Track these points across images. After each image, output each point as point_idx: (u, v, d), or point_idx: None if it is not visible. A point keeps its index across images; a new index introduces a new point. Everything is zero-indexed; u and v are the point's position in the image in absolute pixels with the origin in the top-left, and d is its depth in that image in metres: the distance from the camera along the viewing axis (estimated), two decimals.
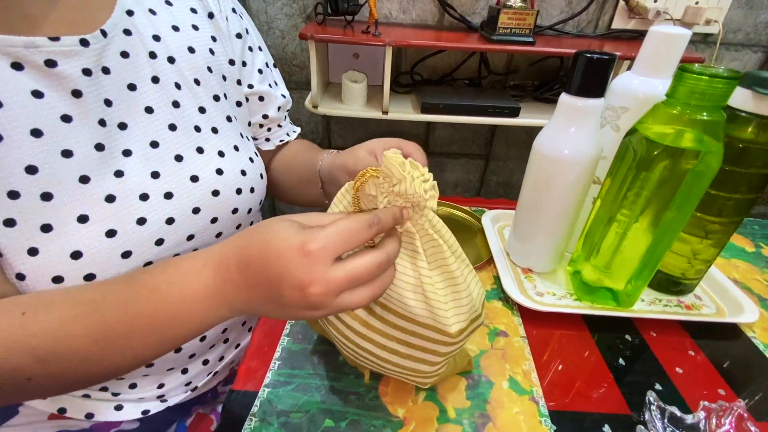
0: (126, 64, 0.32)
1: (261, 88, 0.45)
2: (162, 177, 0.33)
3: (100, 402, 0.37)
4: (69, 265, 0.28)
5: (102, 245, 0.29)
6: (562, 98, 0.40)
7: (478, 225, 0.57)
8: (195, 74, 0.37)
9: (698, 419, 0.32)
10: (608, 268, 0.42)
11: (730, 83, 0.32)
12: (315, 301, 0.23)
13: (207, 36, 0.38)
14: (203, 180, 0.36)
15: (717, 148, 0.34)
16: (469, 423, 0.32)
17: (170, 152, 0.34)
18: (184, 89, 0.36)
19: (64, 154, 0.28)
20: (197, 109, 0.37)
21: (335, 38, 0.71)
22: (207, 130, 0.37)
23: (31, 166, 0.27)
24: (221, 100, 0.39)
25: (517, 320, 0.43)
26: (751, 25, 0.88)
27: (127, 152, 0.32)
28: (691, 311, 0.44)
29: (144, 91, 0.33)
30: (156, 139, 0.33)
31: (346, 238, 0.23)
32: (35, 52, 0.27)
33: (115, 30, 0.31)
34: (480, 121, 0.79)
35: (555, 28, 0.85)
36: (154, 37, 0.34)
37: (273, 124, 0.50)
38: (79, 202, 0.29)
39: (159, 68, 0.34)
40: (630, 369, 0.39)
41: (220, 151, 0.38)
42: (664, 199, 0.36)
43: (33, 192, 0.27)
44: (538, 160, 0.43)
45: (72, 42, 0.28)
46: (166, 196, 0.33)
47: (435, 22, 0.87)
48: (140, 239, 0.31)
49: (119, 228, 0.30)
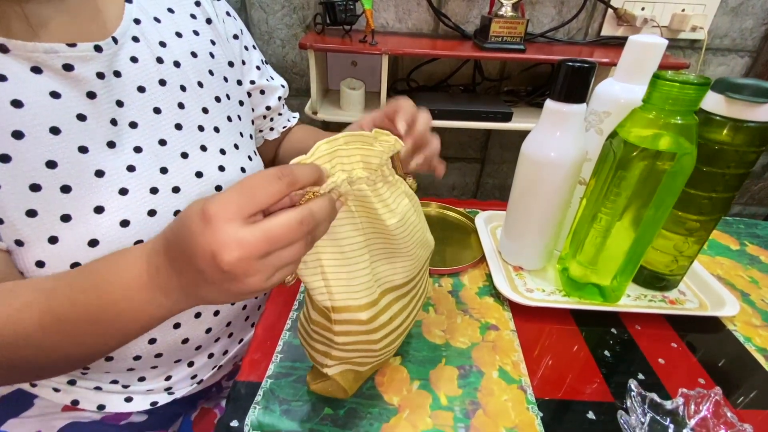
0: (136, 68, 0.35)
1: (261, 82, 0.49)
2: (170, 172, 0.36)
3: (111, 394, 0.39)
4: (86, 252, 0.31)
5: (116, 234, 0.32)
6: (548, 104, 0.42)
7: (472, 225, 0.59)
8: (198, 77, 0.39)
9: (677, 405, 0.34)
10: (594, 265, 0.44)
11: (700, 89, 0.34)
12: (235, 270, 0.21)
13: (207, 40, 0.41)
14: (207, 176, 0.38)
15: (691, 149, 0.36)
16: (460, 410, 0.34)
17: (177, 150, 0.37)
18: (189, 91, 0.38)
19: (81, 150, 0.31)
20: (201, 110, 0.39)
21: (334, 47, 0.74)
22: (210, 129, 0.40)
23: (51, 161, 0.29)
24: (222, 101, 0.42)
25: (508, 315, 0.45)
26: (737, 31, 0.91)
27: (138, 149, 0.34)
28: (675, 305, 0.46)
29: (152, 93, 0.36)
30: (164, 138, 0.36)
31: (249, 193, 0.21)
32: (54, 57, 0.29)
33: (124, 37, 0.34)
34: (474, 126, 0.82)
35: (546, 36, 0.88)
36: (161, 44, 0.37)
37: (274, 114, 0.54)
38: (95, 194, 0.31)
39: (165, 72, 0.37)
40: (615, 360, 0.40)
41: (221, 149, 0.40)
42: (643, 198, 0.38)
43: (53, 185, 0.29)
44: (526, 163, 0.45)
45: (87, 48, 0.31)
46: (174, 191, 0.36)
47: (430, 30, 0.89)
48: (151, 229, 0.34)
49: (132, 219, 0.33)
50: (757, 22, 0.89)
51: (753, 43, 0.92)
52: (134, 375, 0.39)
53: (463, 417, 0.34)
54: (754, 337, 0.44)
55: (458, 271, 0.51)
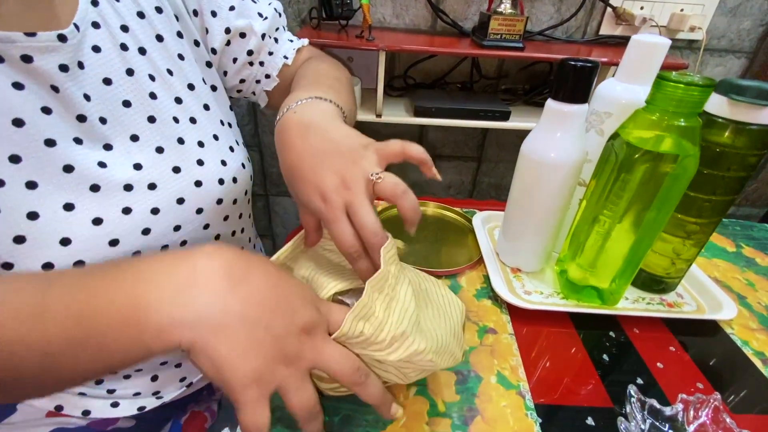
0: (99, 59, 0.32)
1: (238, 23, 0.42)
2: (144, 168, 0.34)
3: (96, 399, 0.38)
4: (59, 251, 0.29)
5: (89, 232, 0.30)
6: (549, 104, 0.41)
7: (469, 226, 0.58)
8: (167, 64, 0.36)
9: (676, 411, 0.34)
10: (593, 267, 0.43)
11: (705, 91, 0.33)
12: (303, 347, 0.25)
13: (171, 16, 0.37)
14: (185, 171, 0.36)
15: (694, 152, 0.36)
16: (458, 416, 0.34)
17: (151, 144, 0.35)
18: (158, 80, 0.36)
19: (48, 143, 0.29)
20: (173, 100, 0.37)
21: (329, 42, 0.72)
22: (185, 120, 0.37)
23: (14, 156, 0.27)
24: (197, 88, 0.39)
25: (506, 318, 0.44)
26: (735, 32, 0.91)
27: (108, 146, 0.32)
28: (672, 309, 0.46)
29: (120, 85, 0.33)
30: (136, 133, 0.34)
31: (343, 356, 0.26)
32: (11, 47, 0.27)
33: (84, 23, 0.31)
34: (472, 124, 0.81)
35: (544, 34, 0.87)
36: (123, 28, 0.34)
37: (263, 54, 0.46)
38: (64, 190, 0.29)
39: (131, 60, 0.34)
40: (614, 365, 0.40)
41: (199, 142, 0.38)
42: (644, 200, 0.38)
43: (17, 180, 0.28)
44: (525, 163, 0.44)
45: (49, 38, 0.28)
46: (149, 187, 0.34)
47: (428, 27, 0.88)
48: (127, 228, 0.32)
49: (105, 216, 0.31)
50: (754, 23, 0.89)
51: (750, 44, 0.92)
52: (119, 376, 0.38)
53: (461, 424, 0.33)
54: (751, 340, 0.44)
55: (455, 272, 0.50)
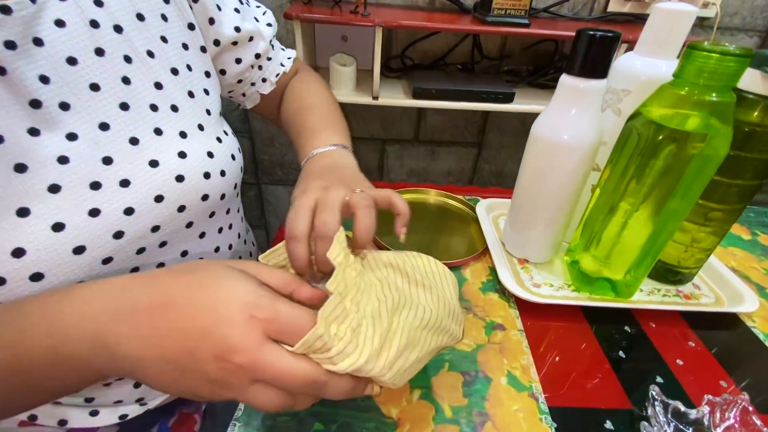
0: (63, 34, 0.28)
1: (246, 27, 0.42)
2: (115, 163, 0.30)
3: (73, 408, 0.35)
4: (11, 265, 0.25)
5: (48, 241, 0.26)
6: (563, 80, 0.38)
7: (472, 214, 0.55)
8: (147, 45, 0.32)
9: (702, 414, 0.31)
10: (608, 258, 0.40)
11: (742, 61, 0.30)
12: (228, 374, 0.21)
13: None
14: (164, 164, 0.32)
15: (725, 131, 0.32)
16: (466, 422, 0.31)
17: (123, 135, 0.30)
18: (136, 63, 0.32)
19: None
20: (153, 85, 0.33)
21: (322, 18, 0.68)
22: (165, 108, 0.33)
23: None
24: (181, 73, 0.35)
25: (515, 312, 0.41)
26: (748, 9, 0.87)
27: (72, 136, 0.28)
28: (690, 301, 0.43)
29: (86, 66, 0.29)
30: (105, 121, 0.30)
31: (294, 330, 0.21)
32: None
33: None
34: (473, 107, 0.77)
35: (550, 11, 0.83)
36: (96, 3, 0.30)
37: (263, 60, 0.47)
38: (17, 193, 0.25)
39: (103, 39, 0.30)
40: (630, 362, 0.37)
41: (182, 132, 0.34)
42: (668, 186, 0.35)
43: None
44: (536, 145, 0.41)
45: None
46: (121, 184, 0.30)
47: (426, 3, 0.83)
48: (95, 232, 0.28)
49: (68, 221, 0.27)
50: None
51: (763, 23, 0.88)
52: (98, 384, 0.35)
53: (470, 431, 0.30)
54: None
55: (460, 264, 0.47)
